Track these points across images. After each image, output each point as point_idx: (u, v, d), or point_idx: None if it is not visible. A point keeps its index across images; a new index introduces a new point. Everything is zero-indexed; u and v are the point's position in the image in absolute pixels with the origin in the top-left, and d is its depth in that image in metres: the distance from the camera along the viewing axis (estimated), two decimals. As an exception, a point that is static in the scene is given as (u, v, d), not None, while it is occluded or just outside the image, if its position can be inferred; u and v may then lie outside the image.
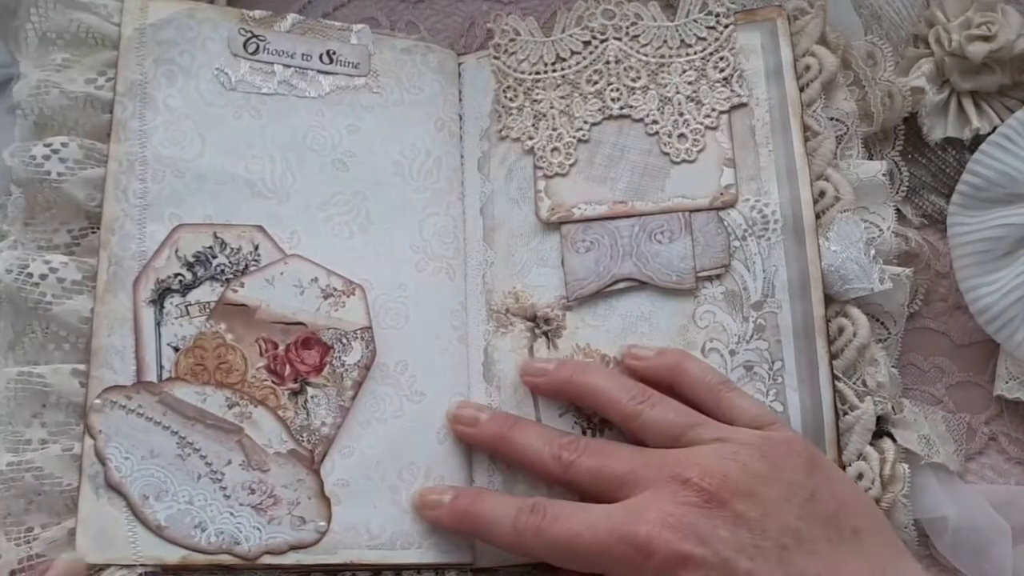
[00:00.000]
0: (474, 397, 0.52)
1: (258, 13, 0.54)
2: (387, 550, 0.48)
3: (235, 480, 0.47)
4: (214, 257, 0.50)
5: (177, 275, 0.49)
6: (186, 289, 0.49)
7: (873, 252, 0.51)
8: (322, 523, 0.47)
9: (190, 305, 0.49)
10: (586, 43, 0.56)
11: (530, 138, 0.55)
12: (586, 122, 0.54)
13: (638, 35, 0.55)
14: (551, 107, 0.55)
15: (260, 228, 0.50)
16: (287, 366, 0.49)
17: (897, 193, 0.55)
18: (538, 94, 0.55)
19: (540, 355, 0.52)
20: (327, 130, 0.53)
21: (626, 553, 0.42)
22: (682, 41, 0.55)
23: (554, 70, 0.56)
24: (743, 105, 0.54)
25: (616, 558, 0.43)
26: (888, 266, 0.52)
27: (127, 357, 0.47)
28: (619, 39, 0.55)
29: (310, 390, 0.49)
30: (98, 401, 0.46)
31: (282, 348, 0.49)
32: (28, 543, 0.45)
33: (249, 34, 0.53)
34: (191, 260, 0.49)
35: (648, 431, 0.47)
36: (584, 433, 0.50)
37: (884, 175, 0.53)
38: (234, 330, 0.49)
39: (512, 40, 0.56)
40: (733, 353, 0.51)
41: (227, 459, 0.47)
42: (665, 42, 0.55)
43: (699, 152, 0.53)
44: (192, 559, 0.45)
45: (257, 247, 0.50)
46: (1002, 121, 0.54)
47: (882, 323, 0.52)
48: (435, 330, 0.52)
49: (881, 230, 0.52)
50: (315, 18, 0.55)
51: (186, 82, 0.51)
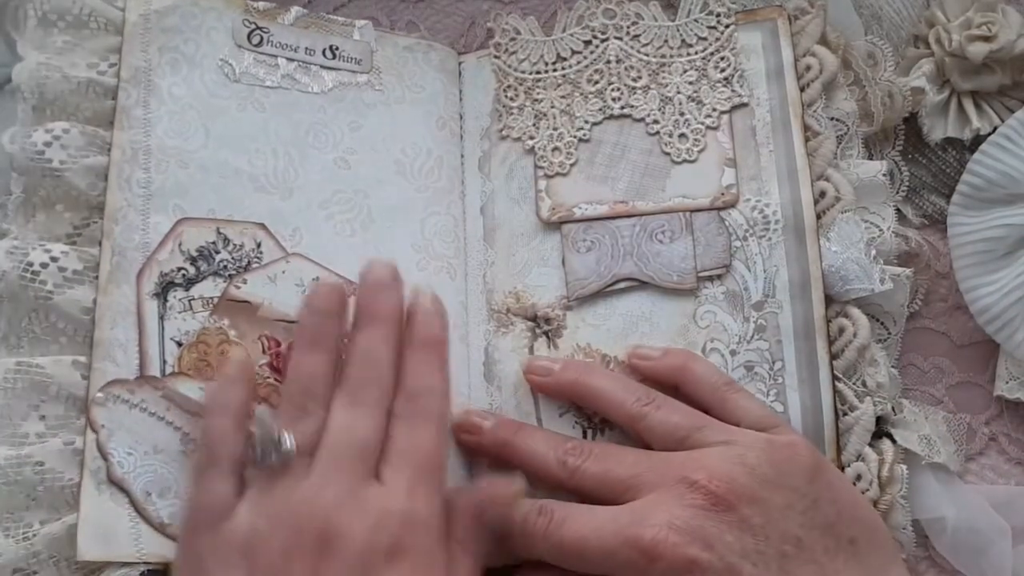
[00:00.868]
0: (474, 397, 0.52)
1: (262, 4, 0.54)
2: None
3: (237, 478, 0.47)
4: (217, 252, 0.49)
5: (180, 269, 0.49)
6: (189, 283, 0.49)
7: (873, 252, 0.51)
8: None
9: (193, 300, 0.49)
10: (587, 42, 0.56)
11: (531, 138, 0.55)
12: (587, 122, 0.54)
13: (639, 35, 0.55)
14: (552, 106, 0.55)
15: (262, 226, 0.50)
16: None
17: (897, 193, 0.55)
18: (539, 93, 0.55)
19: (540, 355, 0.52)
20: (329, 127, 0.53)
21: (631, 556, 0.42)
22: (683, 41, 0.55)
23: (555, 69, 0.56)
24: (744, 105, 0.54)
25: (622, 562, 0.43)
26: (888, 266, 0.52)
27: (130, 350, 0.47)
28: (620, 39, 0.55)
29: (311, 389, 0.49)
30: (100, 395, 0.46)
31: (284, 346, 0.49)
32: (28, 540, 0.44)
33: (253, 25, 0.53)
34: (194, 255, 0.49)
35: (653, 433, 0.47)
36: (585, 433, 0.50)
37: (884, 175, 0.53)
38: (237, 326, 0.49)
39: (513, 39, 0.56)
40: (734, 353, 0.51)
41: (230, 457, 0.47)
42: (666, 42, 0.55)
43: (700, 152, 0.53)
44: (193, 558, 0.45)
45: (259, 244, 0.50)
46: (1002, 121, 0.54)
47: (882, 323, 0.52)
48: (436, 330, 0.52)
49: (881, 230, 0.52)
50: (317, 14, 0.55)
51: (191, 71, 0.51)
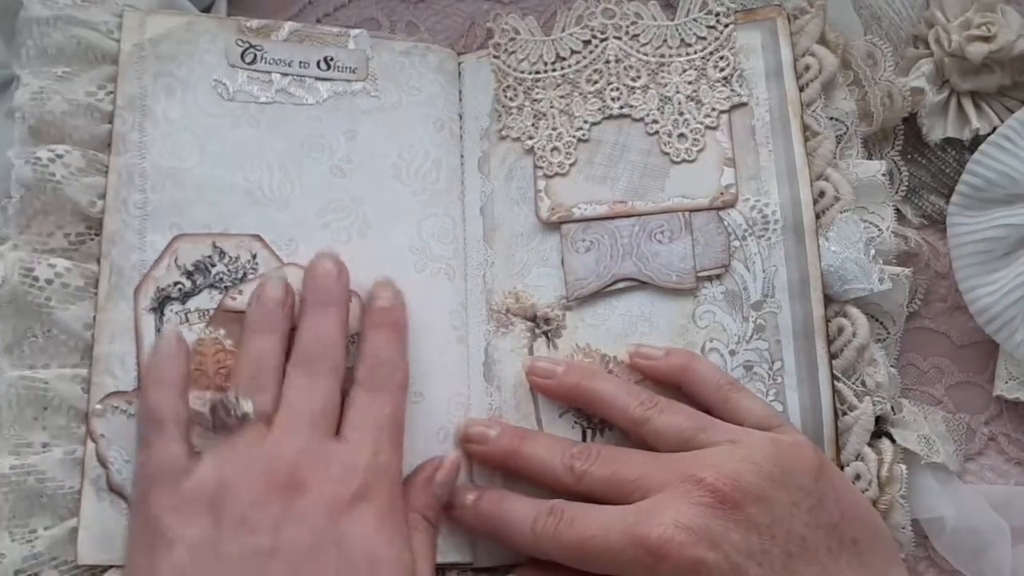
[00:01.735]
0: (474, 397, 0.52)
1: (255, 23, 0.54)
2: (388, 550, 0.48)
3: (236, 481, 0.47)
4: (213, 266, 0.50)
5: (177, 283, 0.49)
6: (185, 297, 0.49)
7: (872, 252, 0.51)
8: (323, 523, 0.47)
9: (189, 312, 0.49)
10: (586, 42, 0.56)
11: (530, 138, 0.55)
12: (586, 121, 0.54)
13: (638, 34, 0.55)
14: (551, 106, 0.55)
15: (258, 237, 0.51)
16: (285, 370, 0.49)
17: (896, 193, 0.55)
18: (538, 93, 0.55)
19: (540, 355, 0.52)
20: (325, 137, 0.53)
21: (638, 555, 0.42)
22: (682, 40, 0.55)
23: (554, 69, 0.56)
24: (743, 105, 0.54)
25: (629, 561, 0.43)
26: (887, 266, 0.52)
27: (128, 363, 0.48)
28: (619, 38, 0.55)
29: (309, 394, 0.49)
30: (99, 406, 0.47)
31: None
32: (30, 543, 0.45)
33: (246, 44, 0.53)
34: (190, 269, 0.49)
35: (658, 436, 0.47)
36: (584, 433, 0.50)
37: (884, 175, 0.53)
38: (233, 335, 0.49)
39: (512, 39, 0.56)
40: (733, 353, 0.51)
41: (227, 460, 0.47)
42: (665, 41, 0.55)
43: (699, 152, 0.53)
44: (193, 559, 0.45)
45: (255, 256, 0.50)
46: (1002, 121, 0.54)
47: (881, 323, 0.53)
48: (434, 331, 0.52)
49: (880, 230, 0.52)
50: (315, 19, 0.56)
51: (184, 94, 0.52)
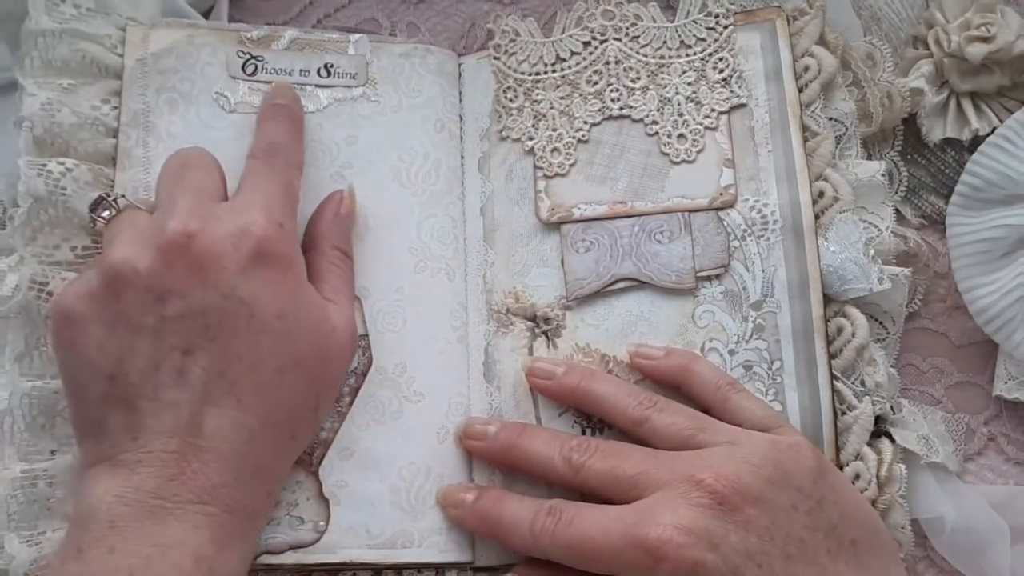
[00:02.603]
0: (474, 397, 0.52)
1: (255, 33, 0.54)
2: (387, 549, 0.48)
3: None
4: None
5: None
6: None
7: (872, 252, 0.51)
8: (321, 523, 0.48)
9: None
10: (586, 44, 0.56)
11: (530, 138, 0.55)
12: (586, 122, 0.55)
13: (638, 36, 0.55)
14: (551, 107, 0.55)
15: None
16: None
17: (896, 193, 0.55)
18: (538, 94, 0.55)
19: (540, 355, 0.52)
20: (325, 144, 0.53)
21: (637, 556, 0.42)
22: (681, 42, 0.55)
23: (554, 71, 0.56)
24: (742, 106, 0.54)
25: (628, 561, 0.43)
26: (887, 266, 0.52)
27: None
28: (619, 40, 0.55)
29: (308, 395, 0.49)
30: None
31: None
32: (39, 545, 0.45)
33: (247, 55, 0.53)
34: None
35: (657, 435, 0.47)
36: (584, 432, 0.50)
37: (883, 175, 0.53)
38: None
39: (512, 41, 0.56)
40: (732, 353, 0.51)
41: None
42: (664, 43, 0.55)
43: (698, 152, 0.53)
44: (192, 558, 0.45)
45: None
46: (1001, 122, 0.54)
47: (881, 323, 0.52)
48: (434, 331, 0.52)
49: (880, 230, 0.52)
50: (316, 19, 0.56)
51: (187, 108, 0.52)
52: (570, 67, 0.56)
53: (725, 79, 0.54)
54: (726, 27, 0.55)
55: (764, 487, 0.44)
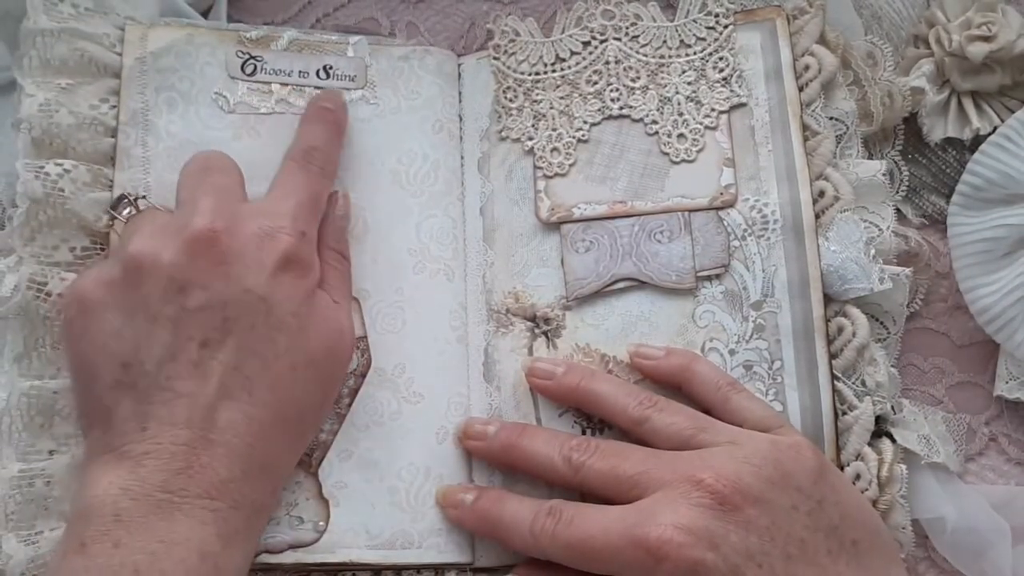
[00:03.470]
0: (474, 397, 0.52)
1: (255, 33, 0.54)
2: (387, 550, 0.48)
3: (234, 481, 0.47)
4: None
5: None
6: None
7: (873, 252, 0.51)
8: (321, 523, 0.48)
9: None
10: (586, 43, 0.56)
11: (530, 138, 0.55)
12: (586, 122, 0.54)
13: (638, 35, 0.55)
14: (551, 107, 0.55)
15: None
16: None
17: (897, 193, 0.55)
18: (538, 94, 0.55)
19: (540, 355, 0.52)
20: None
21: (637, 556, 0.42)
22: (681, 41, 0.55)
23: (554, 70, 0.56)
24: (742, 105, 0.54)
25: (627, 561, 0.42)
26: (888, 266, 0.52)
27: None
28: (619, 39, 0.55)
29: (308, 395, 0.49)
30: None
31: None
32: (36, 544, 0.45)
33: (246, 56, 0.53)
34: None
35: (657, 435, 0.47)
36: (584, 433, 0.50)
37: (884, 175, 0.53)
38: None
39: (512, 41, 0.56)
40: (733, 353, 0.51)
41: (227, 460, 0.47)
42: (664, 42, 0.55)
43: (698, 152, 0.53)
44: (191, 559, 0.45)
45: None
46: (1002, 121, 0.54)
47: (881, 323, 0.52)
48: (433, 332, 0.52)
49: (880, 230, 0.52)
50: (315, 19, 0.56)
51: (186, 108, 0.52)
52: (570, 67, 0.56)
53: (725, 78, 0.54)
54: (726, 26, 0.55)
55: (765, 487, 0.43)
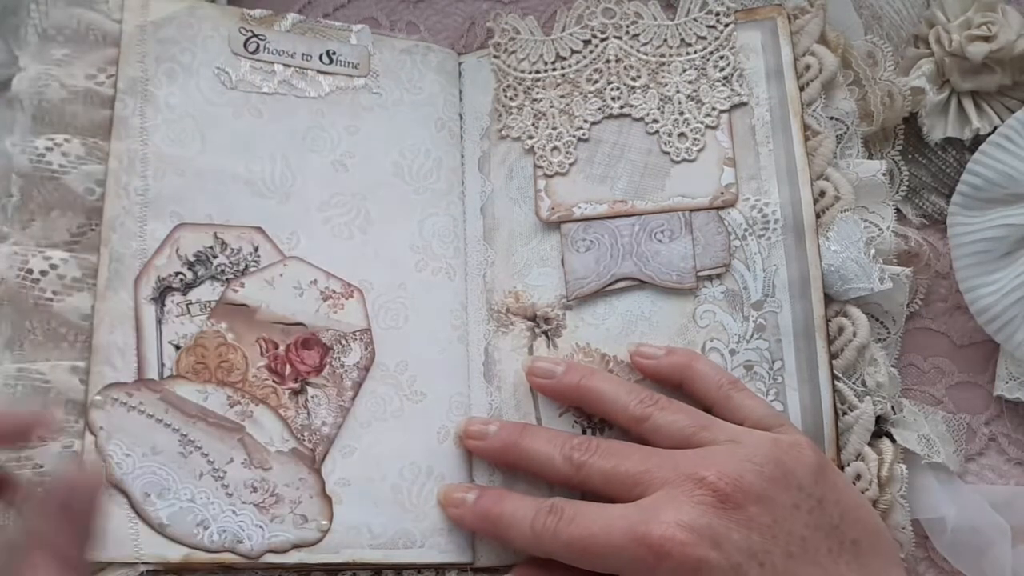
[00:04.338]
0: (474, 397, 0.52)
1: (258, 12, 0.54)
2: (389, 549, 0.48)
3: (237, 478, 0.47)
4: (215, 257, 0.50)
5: (178, 274, 0.49)
6: (187, 288, 0.49)
7: (873, 252, 0.51)
8: (324, 522, 0.47)
9: (191, 304, 0.49)
10: (586, 42, 0.56)
11: (530, 137, 0.55)
12: (586, 121, 0.54)
13: (638, 34, 0.55)
14: (551, 106, 0.55)
15: (260, 230, 0.51)
16: (287, 366, 0.49)
17: (897, 193, 0.55)
18: (538, 93, 0.55)
19: (540, 354, 0.52)
20: (327, 131, 0.53)
21: (639, 554, 0.42)
22: (682, 40, 0.55)
23: (554, 69, 0.56)
24: (743, 104, 0.54)
25: (629, 559, 0.43)
26: (888, 266, 0.52)
27: (128, 354, 0.47)
28: (619, 38, 0.55)
29: (310, 390, 0.49)
30: (99, 397, 0.46)
31: (282, 348, 0.49)
32: None
33: (249, 33, 0.53)
34: (192, 259, 0.49)
35: (659, 434, 0.47)
36: (584, 432, 0.50)
37: (884, 175, 0.53)
38: (235, 329, 0.49)
39: (512, 39, 0.56)
40: (733, 352, 0.51)
41: (229, 457, 0.47)
42: (665, 41, 0.55)
43: (699, 151, 0.53)
44: (194, 557, 0.45)
45: (257, 248, 0.50)
46: (1002, 121, 0.54)
47: (882, 323, 0.52)
48: (435, 330, 0.52)
49: (881, 230, 0.53)
50: (315, 18, 0.55)
51: (187, 80, 0.51)
52: (570, 65, 0.55)
53: (726, 77, 0.54)
54: (727, 25, 0.55)
55: (766, 485, 0.44)
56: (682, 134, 0.54)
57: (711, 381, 0.49)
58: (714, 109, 0.54)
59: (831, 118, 0.53)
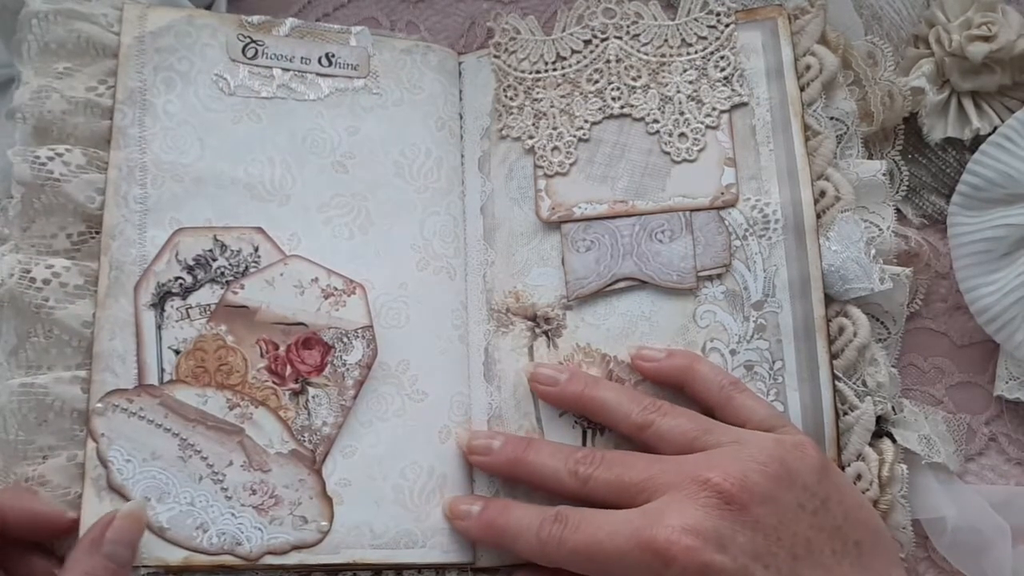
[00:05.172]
0: (474, 397, 0.52)
1: (256, 19, 0.54)
2: (390, 549, 0.48)
3: (236, 481, 0.47)
4: (214, 260, 0.50)
5: (177, 278, 0.49)
6: (186, 292, 0.49)
7: (873, 252, 0.51)
8: (324, 523, 0.47)
9: (190, 308, 0.49)
10: (587, 42, 0.56)
11: (530, 137, 0.55)
12: (586, 121, 0.54)
13: (639, 34, 0.55)
14: (551, 106, 0.55)
15: (260, 230, 0.51)
16: (288, 366, 0.49)
17: (897, 193, 0.55)
18: (538, 93, 0.55)
19: (540, 355, 0.52)
20: (327, 132, 0.53)
21: (645, 559, 0.42)
22: (683, 40, 0.55)
23: (554, 69, 0.56)
24: (744, 104, 0.54)
25: (636, 564, 0.42)
26: (888, 266, 0.52)
27: (128, 361, 0.48)
28: (620, 38, 0.55)
29: (311, 390, 0.49)
30: (100, 405, 0.46)
31: (283, 349, 0.49)
32: None
33: (248, 39, 0.53)
34: (191, 263, 0.49)
35: (662, 439, 0.47)
36: (584, 433, 0.50)
37: (884, 175, 0.53)
38: (235, 332, 0.49)
39: (512, 39, 0.56)
40: (734, 353, 0.51)
41: (228, 460, 0.47)
42: (666, 41, 0.55)
43: (700, 151, 0.53)
44: (194, 560, 0.45)
45: (257, 248, 0.50)
46: (1002, 121, 0.54)
47: (882, 323, 0.53)
48: (436, 329, 0.52)
49: (881, 230, 0.53)
50: (315, 18, 0.56)
51: (185, 88, 0.52)
52: (571, 65, 0.55)
53: (726, 78, 0.54)
54: (727, 25, 0.55)
55: (771, 486, 0.44)
56: (682, 134, 0.54)
57: (712, 383, 0.49)
58: (714, 109, 0.54)
59: (831, 118, 0.53)
